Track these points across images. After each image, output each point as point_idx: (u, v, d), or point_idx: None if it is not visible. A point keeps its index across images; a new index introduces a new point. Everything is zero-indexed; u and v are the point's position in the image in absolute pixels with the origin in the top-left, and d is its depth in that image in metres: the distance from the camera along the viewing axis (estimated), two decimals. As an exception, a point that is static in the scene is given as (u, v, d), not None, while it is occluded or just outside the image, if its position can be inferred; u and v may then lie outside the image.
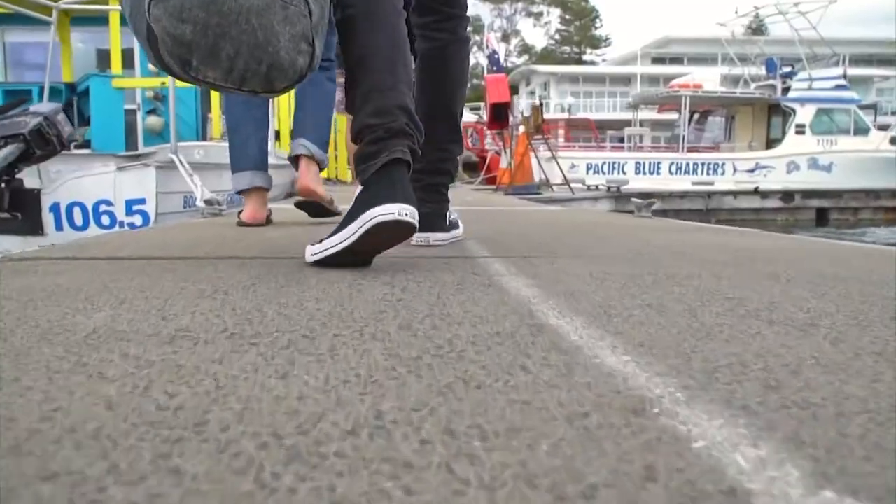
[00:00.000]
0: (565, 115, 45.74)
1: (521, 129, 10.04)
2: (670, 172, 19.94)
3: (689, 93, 20.20)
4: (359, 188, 1.50)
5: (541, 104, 10.12)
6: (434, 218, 2.02)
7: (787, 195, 10.57)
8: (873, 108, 24.07)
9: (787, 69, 21.37)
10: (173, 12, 1.29)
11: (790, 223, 10.62)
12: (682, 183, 19.91)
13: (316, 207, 3.17)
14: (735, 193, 10.57)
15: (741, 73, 23.90)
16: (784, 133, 20.86)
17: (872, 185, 19.90)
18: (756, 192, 10.51)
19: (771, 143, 21.42)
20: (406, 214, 1.42)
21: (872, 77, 35.85)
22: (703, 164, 19.97)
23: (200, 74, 1.34)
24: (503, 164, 12.48)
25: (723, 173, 20.07)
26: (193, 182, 4.11)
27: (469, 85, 2.55)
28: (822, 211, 10.69)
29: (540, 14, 67.96)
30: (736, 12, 22.68)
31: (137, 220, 4.36)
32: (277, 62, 1.35)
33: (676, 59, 53.89)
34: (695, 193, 10.55)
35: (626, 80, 49.94)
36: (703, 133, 23.87)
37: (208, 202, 3.69)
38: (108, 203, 4.35)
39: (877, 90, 38.25)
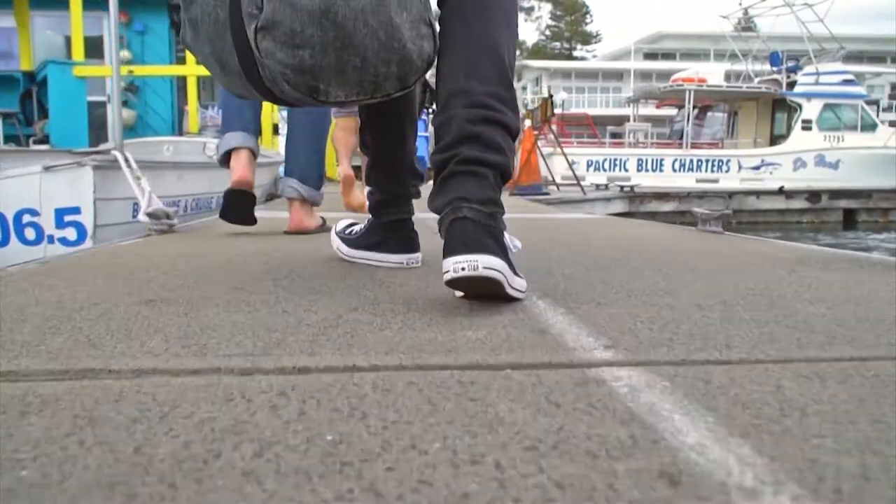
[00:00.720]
0: (559, 111, 45.03)
1: (527, 123, 9.18)
2: (673, 169, 19.11)
3: (694, 87, 19.36)
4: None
5: (550, 97, 9.25)
6: (480, 230, 1.17)
7: (813, 195, 9.74)
8: (876, 103, 23.40)
9: (791, 63, 20.57)
10: (286, 40, 1.15)
11: (815, 226, 9.81)
12: (686, 180, 19.16)
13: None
14: (758, 193, 9.73)
15: (742, 68, 23.13)
16: (789, 129, 20.10)
17: (881, 183, 19.17)
18: (781, 191, 9.68)
19: (775, 140, 20.64)
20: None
21: (864, 73, 35.27)
22: (707, 161, 19.16)
23: (331, 96, 1.21)
24: (504, 161, 11.59)
25: (727, 170, 19.27)
26: (140, 187, 3.21)
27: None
28: (850, 212, 9.88)
29: (531, 9, 67.53)
30: (740, 3, 21.86)
31: (71, 234, 3.45)
32: (406, 57, 1.20)
33: (669, 55, 53.51)
34: (714, 193, 9.72)
35: (619, 75, 49.47)
36: (702, 129, 23.03)
37: (153, 215, 2.79)
38: (34, 213, 3.44)
39: (867, 87, 37.76)
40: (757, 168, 19.14)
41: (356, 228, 1.85)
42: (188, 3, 1.22)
